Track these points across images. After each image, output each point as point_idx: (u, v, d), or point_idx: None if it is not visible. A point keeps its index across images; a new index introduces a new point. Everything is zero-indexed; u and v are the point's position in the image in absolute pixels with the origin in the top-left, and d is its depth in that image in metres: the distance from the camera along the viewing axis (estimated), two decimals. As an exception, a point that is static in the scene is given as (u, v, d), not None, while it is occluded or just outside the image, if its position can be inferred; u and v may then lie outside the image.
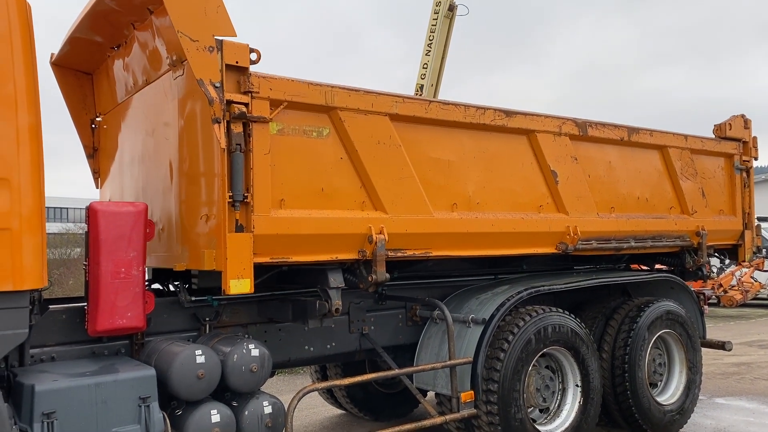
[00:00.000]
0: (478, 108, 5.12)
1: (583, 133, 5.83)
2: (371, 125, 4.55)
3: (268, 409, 4.23)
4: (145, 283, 4.21)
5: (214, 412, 4.01)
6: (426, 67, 16.81)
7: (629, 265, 7.21)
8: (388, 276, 4.51)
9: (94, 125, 5.65)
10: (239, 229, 3.92)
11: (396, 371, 4.96)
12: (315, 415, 7.26)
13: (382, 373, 5.01)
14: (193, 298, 4.45)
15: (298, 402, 4.25)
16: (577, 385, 5.53)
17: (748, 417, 6.85)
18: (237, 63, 3.96)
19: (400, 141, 4.69)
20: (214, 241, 3.96)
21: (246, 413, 4.15)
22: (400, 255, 4.66)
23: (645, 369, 6.03)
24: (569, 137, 5.73)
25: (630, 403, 5.89)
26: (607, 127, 6.05)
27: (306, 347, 5.03)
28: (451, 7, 16.80)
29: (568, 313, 5.56)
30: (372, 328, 5.33)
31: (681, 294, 6.83)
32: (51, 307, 4.12)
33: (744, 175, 7.35)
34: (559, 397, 5.55)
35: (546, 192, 5.59)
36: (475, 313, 5.22)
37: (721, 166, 7.23)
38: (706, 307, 7.30)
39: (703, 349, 6.76)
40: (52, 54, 5.36)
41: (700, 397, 6.67)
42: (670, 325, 6.34)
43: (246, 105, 3.97)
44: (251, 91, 4.00)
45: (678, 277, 6.80)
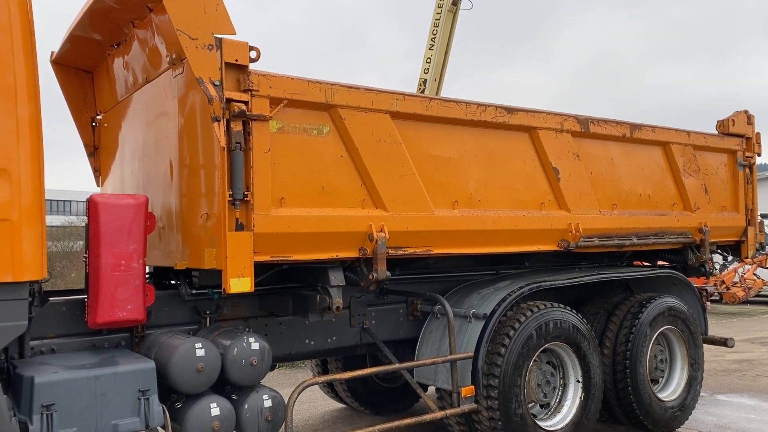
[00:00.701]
0: (479, 105, 5.11)
1: (585, 129, 5.82)
2: (372, 123, 4.55)
3: (268, 403, 4.26)
4: (146, 275, 4.23)
5: (213, 405, 4.03)
6: (429, 62, 16.76)
7: (632, 261, 7.20)
8: (389, 274, 4.52)
9: (94, 123, 5.66)
10: (239, 227, 3.93)
11: (397, 365, 4.98)
12: (315, 408, 7.30)
13: (383, 367, 5.04)
14: (193, 291, 4.48)
15: (298, 395, 4.26)
16: (578, 381, 5.54)
17: (749, 414, 6.85)
18: (236, 61, 3.96)
19: (401, 138, 4.69)
20: (215, 240, 3.98)
21: (246, 407, 4.18)
22: (401, 253, 4.67)
23: (646, 365, 6.03)
24: (571, 134, 5.72)
25: (631, 399, 5.90)
26: (610, 124, 6.04)
27: (306, 341, 5.06)
28: (455, 2, 16.73)
29: (569, 308, 5.57)
30: (373, 322, 5.35)
31: (683, 290, 6.82)
32: (51, 298, 4.16)
33: (747, 171, 7.32)
34: (560, 393, 5.56)
35: (548, 189, 5.58)
36: (477, 308, 5.23)
37: (724, 163, 7.21)
38: (708, 303, 7.29)
39: (704, 345, 6.76)
40: (53, 52, 5.38)
41: (701, 393, 6.67)
42: (672, 322, 6.34)
43: (246, 103, 3.97)
44: (251, 89, 4.01)
45: (680, 273, 6.79)
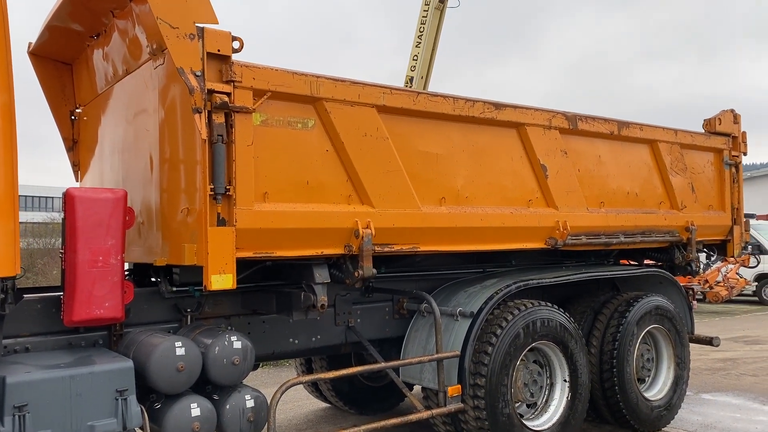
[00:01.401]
0: (467, 100, 5.04)
1: (573, 126, 5.77)
2: (358, 117, 4.47)
3: (250, 403, 4.17)
4: (125, 272, 4.11)
5: (194, 405, 3.93)
6: (416, 59, 16.73)
7: (618, 260, 7.17)
8: (375, 271, 4.44)
9: (73, 117, 5.53)
10: (221, 222, 3.83)
11: (382, 365, 4.91)
12: (299, 408, 7.20)
13: (368, 367, 4.96)
14: (174, 289, 4.36)
15: (281, 396, 4.19)
16: (565, 380, 5.49)
17: (734, 413, 6.85)
18: (219, 51, 3.86)
19: (388, 133, 4.61)
20: (195, 236, 3.87)
21: (227, 407, 4.09)
22: (387, 250, 4.59)
23: (633, 364, 6.01)
24: (559, 131, 5.67)
25: (618, 398, 5.87)
26: (597, 121, 6.00)
27: (290, 340, 4.96)
28: (442, -1, 16.71)
29: (557, 307, 5.52)
30: (358, 320, 5.27)
31: (670, 289, 6.81)
32: (25, 296, 4.03)
33: (733, 170, 7.32)
34: (546, 392, 5.52)
35: (535, 186, 5.53)
36: (463, 306, 5.17)
37: (710, 161, 7.21)
38: (695, 302, 7.29)
39: (690, 344, 6.75)
40: (30, 43, 5.23)
41: (686, 392, 6.66)
42: (659, 320, 6.32)
43: (228, 95, 3.87)
44: (233, 81, 3.90)
45: (667, 272, 6.77)
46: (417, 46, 16.70)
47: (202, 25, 3.81)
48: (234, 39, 3.92)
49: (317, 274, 4.36)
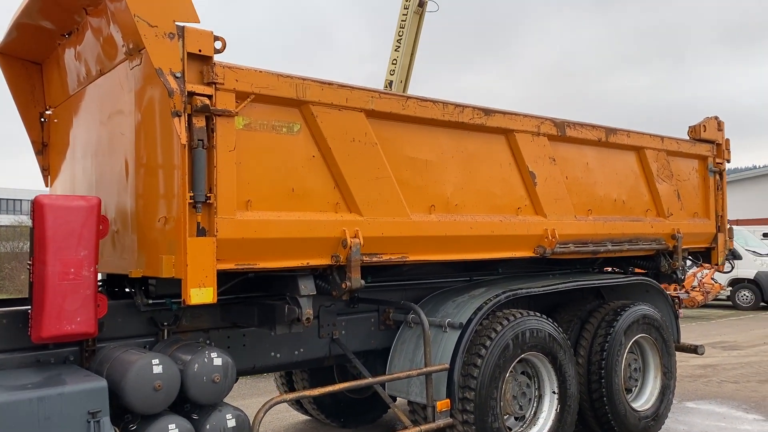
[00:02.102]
0: (457, 105, 4.90)
1: (561, 133, 5.67)
2: (345, 121, 4.29)
3: (231, 423, 3.95)
4: (98, 284, 3.87)
5: (172, 426, 3.70)
6: (395, 63, 16.60)
7: (603, 268, 7.10)
8: (363, 283, 4.27)
9: (43, 119, 5.26)
10: (201, 232, 3.61)
11: (369, 380, 4.73)
12: (279, 421, 6.98)
13: (355, 383, 4.77)
14: (150, 301, 4.14)
15: (263, 415, 4.01)
16: (554, 392, 5.38)
17: (719, 422, 6.82)
18: (200, 51, 3.65)
19: (376, 139, 4.44)
20: (173, 246, 3.64)
21: (207, 427, 3.85)
22: (375, 260, 4.41)
23: (621, 374, 5.92)
24: (548, 137, 5.57)
25: (606, 409, 5.77)
26: (585, 128, 5.91)
27: (272, 354, 4.77)
28: (421, 3, 16.61)
29: (545, 317, 5.41)
30: (343, 332, 5.09)
31: (656, 297, 6.75)
32: (-10, 310, 3.77)
33: (717, 177, 7.31)
34: (535, 405, 5.40)
35: (524, 194, 5.42)
36: (452, 317, 5.03)
37: (695, 168, 7.18)
38: (681, 310, 7.25)
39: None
40: (-4, 41, 4.96)
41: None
42: (646, 330, 6.25)
43: (209, 97, 3.66)
44: (215, 82, 3.70)
45: (654, 281, 6.71)
46: (396, 50, 16.57)
47: (182, 24, 3.60)
48: (216, 39, 3.72)
49: (302, 286, 4.17)
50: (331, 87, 4.23)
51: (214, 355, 3.93)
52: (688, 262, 7.59)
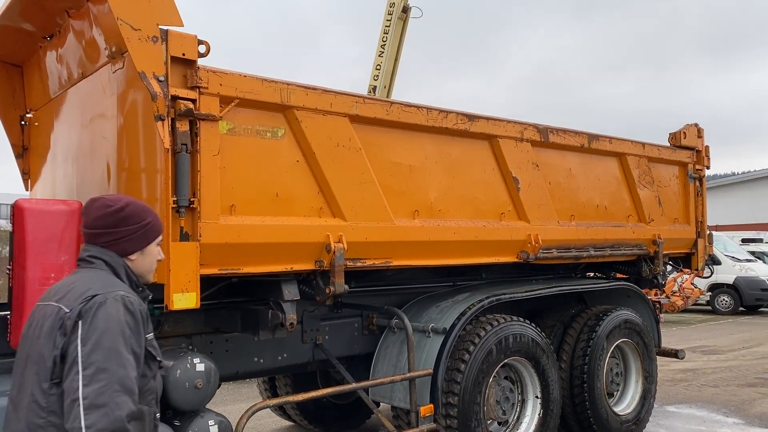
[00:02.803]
0: (441, 111, 4.92)
1: (544, 139, 5.72)
2: (330, 126, 4.29)
3: (214, 429, 3.92)
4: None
5: (154, 433, 3.67)
6: (379, 69, 16.63)
7: (585, 273, 7.16)
8: (347, 288, 4.26)
9: (24, 122, 5.19)
10: (184, 237, 3.59)
11: (353, 385, 4.71)
12: (262, 427, 6.93)
13: (338, 388, 4.76)
14: None
15: (247, 421, 3.98)
16: (537, 397, 5.40)
17: (700, 426, 6.88)
18: (184, 55, 3.63)
19: (360, 144, 4.44)
20: (156, 250, 3.61)
21: (189, 433, 3.82)
22: (359, 265, 4.41)
23: (603, 379, 5.96)
24: (531, 143, 5.60)
25: (588, 414, 5.81)
26: (568, 134, 5.96)
27: (255, 359, 4.74)
28: (405, 9, 16.67)
29: (528, 322, 5.43)
30: (326, 337, 5.07)
31: (638, 302, 6.81)
32: (-32, 317, 3.71)
33: (697, 183, 7.40)
34: (518, 409, 5.41)
35: (507, 199, 5.44)
36: (435, 322, 5.03)
37: (675, 175, 7.27)
38: (662, 315, 7.32)
39: (656, 357, 6.77)
40: (-24, 43, 4.89)
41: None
42: (628, 334, 6.30)
43: (193, 101, 3.64)
44: (199, 87, 3.68)
45: (635, 286, 6.78)
46: (380, 56, 16.61)
47: (166, 27, 3.58)
48: (200, 42, 3.70)
49: (286, 291, 4.15)
50: (315, 92, 4.23)
51: (196, 360, 3.90)
52: (669, 267, 7.68)
